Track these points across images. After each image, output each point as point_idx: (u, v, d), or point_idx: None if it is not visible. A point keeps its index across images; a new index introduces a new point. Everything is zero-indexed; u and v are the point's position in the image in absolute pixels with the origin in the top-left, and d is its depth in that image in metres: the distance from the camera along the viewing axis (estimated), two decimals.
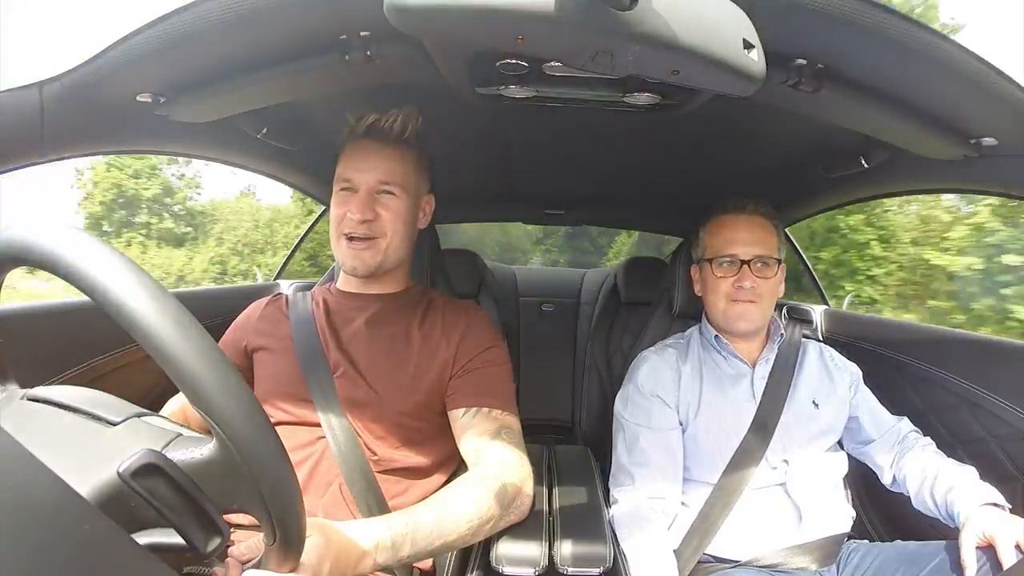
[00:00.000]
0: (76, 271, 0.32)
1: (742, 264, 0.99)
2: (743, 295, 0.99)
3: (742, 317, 1.00)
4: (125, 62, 0.67)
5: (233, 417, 0.34)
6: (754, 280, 0.98)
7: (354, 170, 0.87)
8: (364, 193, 0.86)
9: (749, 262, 0.99)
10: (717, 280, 1.02)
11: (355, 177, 0.87)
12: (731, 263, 1.00)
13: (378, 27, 0.61)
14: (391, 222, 0.87)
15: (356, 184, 0.87)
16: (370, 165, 0.87)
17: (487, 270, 1.94)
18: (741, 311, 1.00)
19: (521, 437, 0.84)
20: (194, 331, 0.33)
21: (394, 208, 0.87)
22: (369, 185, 0.86)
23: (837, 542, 0.95)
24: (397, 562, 0.61)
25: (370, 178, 0.86)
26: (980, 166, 0.81)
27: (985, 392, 1.01)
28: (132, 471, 0.36)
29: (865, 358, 1.17)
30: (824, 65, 0.63)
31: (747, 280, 0.98)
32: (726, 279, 1.01)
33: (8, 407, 0.43)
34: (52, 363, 0.93)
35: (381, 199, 0.87)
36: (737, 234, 1.01)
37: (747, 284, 0.98)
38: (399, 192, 0.88)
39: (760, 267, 0.99)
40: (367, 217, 0.85)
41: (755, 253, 0.99)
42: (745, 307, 0.99)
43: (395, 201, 0.87)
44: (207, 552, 0.39)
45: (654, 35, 0.45)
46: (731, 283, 1.00)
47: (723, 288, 1.01)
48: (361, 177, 0.86)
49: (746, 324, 1.00)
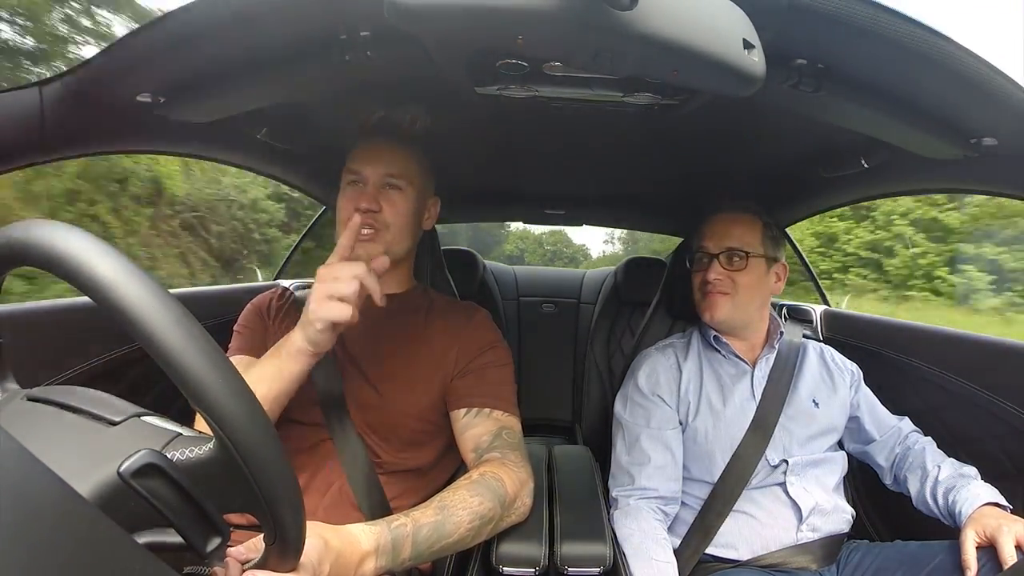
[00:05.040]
0: (76, 271, 0.32)
1: (712, 257, 1.02)
2: (710, 288, 1.01)
3: (709, 309, 1.02)
4: (125, 62, 0.67)
5: (233, 417, 0.34)
6: (720, 273, 1.00)
7: (362, 162, 0.88)
8: (371, 185, 0.87)
9: (718, 255, 1.01)
10: (693, 275, 1.06)
11: (363, 169, 0.87)
12: (703, 257, 1.04)
13: (378, 27, 0.61)
14: (395, 215, 0.87)
15: (364, 176, 0.87)
16: (378, 158, 0.88)
17: (487, 270, 1.94)
18: (709, 303, 1.02)
19: (522, 437, 0.84)
20: (194, 331, 0.33)
21: (399, 202, 0.88)
22: (376, 177, 0.87)
23: (837, 542, 0.95)
24: (399, 564, 0.61)
25: (377, 170, 0.87)
26: (980, 166, 0.81)
27: (985, 392, 1.01)
28: (132, 471, 0.36)
29: (865, 358, 1.17)
30: (824, 65, 0.63)
31: (712, 272, 1.01)
32: (699, 273, 1.04)
33: (8, 407, 0.43)
34: (52, 363, 0.93)
35: (387, 192, 0.87)
36: (710, 229, 1.04)
37: (711, 276, 1.01)
38: (405, 186, 0.88)
39: (729, 260, 1.00)
40: (372, 208, 0.85)
41: (725, 246, 1.01)
42: (713, 298, 1.01)
43: (400, 196, 0.88)
44: (207, 552, 0.39)
45: (654, 35, 0.45)
46: (701, 277, 1.03)
47: (696, 282, 1.05)
48: (369, 169, 0.87)
49: (713, 315, 1.01)
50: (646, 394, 1.03)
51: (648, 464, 0.95)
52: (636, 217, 1.91)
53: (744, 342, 1.06)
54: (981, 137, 0.72)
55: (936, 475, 0.91)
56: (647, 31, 0.44)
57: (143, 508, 0.36)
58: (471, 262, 1.80)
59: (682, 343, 1.10)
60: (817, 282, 1.75)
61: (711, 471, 0.96)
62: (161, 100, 0.75)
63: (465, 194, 1.62)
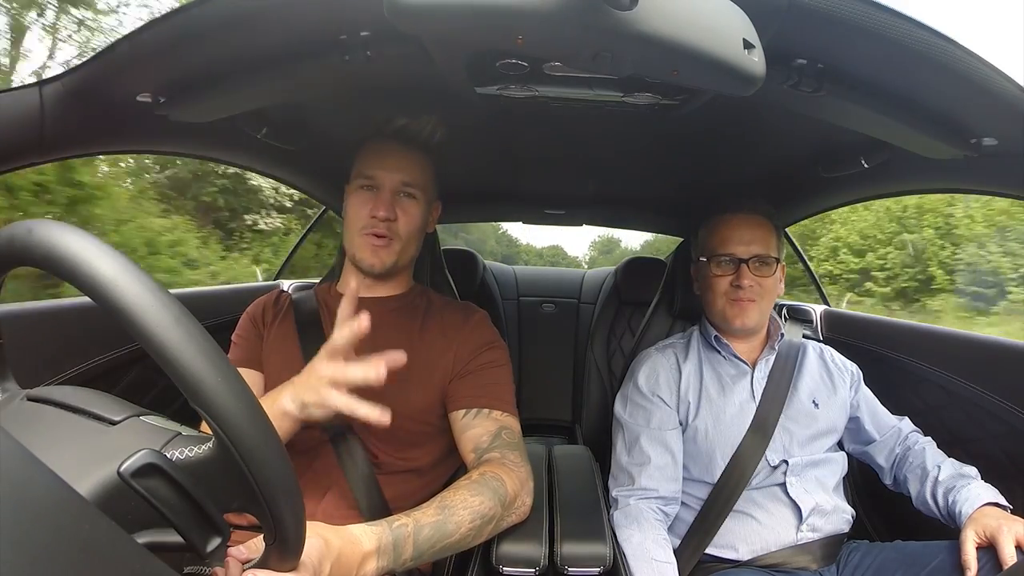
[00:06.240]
0: (76, 271, 0.32)
1: (740, 263, 0.99)
2: (741, 294, 0.99)
3: (740, 316, 1.00)
4: (125, 62, 0.67)
5: (232, 415, 0.34)
6: (752, 279, 0.98)
7: (379, 167, 0.88)
8: (387, 192, 0.87)
9: (747, 261, 0.99)
10: (716, 279, 1.02)
11: (379, 174, 0.87)
12: (729, 262, 1.00)
13: (378, 27, 0.61)
14: (407, 225, 0.88)
15: (379, 182, 0.87)
16: (395, 165, 0.88)
17: (487, 270, 1.94)
18: (740, 310, 1.00)
19: (521, 437, 0.84)
20: (194, 330, 0.33)
21: (412, 212, 0.88)
22: (392, 184, 0.87)
23: (837, 542, 0.95)
24: (400, 564, 0.61)
25: (394, 177, 0.87)
26: (980, 166, 0.81)
27: (985, 392, 1.01)
28: (132, 471, 0.36)
29: (865, 358, 1.17)
30: (824, 65, 0.63)
31: (745, 279, 0.98)
32: (724, 278, 1.01)
33: (8, 407, 0.43)
34: (52, 363, 0.93)
35: (401, 201, 0.88)
36: (735, 233, 1.01)
37: (745, 283, 0.98)
38: (419, 195, 0.89)
39: (758, 266, 0.99)
40: (390, 217, 0.85)
41: (753, 252, 0.99)
42: (744, 306, 0.99)
43: (414, 205, 0.88)
44: (207, 552, 0.39)
45: (654, 35, 0.45)
46: (729, 282, 1.00)
47: (721, 287, 1.01)
48: (385, 175, 0.87)
49: (744, 323, 1.00)
50: (646, 394, 1.03)
51: (648, 464, 0.95)
52: (636, 217, 1.91)
53: (745, 343, 1.05)
54: (981, 137, 0.72)
55: (936, 475, 0.91)
56: (647, 31, 0.44)
57: (143, 508, 0.36)
58: (471, 262, 1.80)
59: (682, 343, 1.10)
60: (817, 282, 1.75)
61: (711, 471, 0.96)
62: (161, 100, 0.75)
63: (465, 194, 1.61)
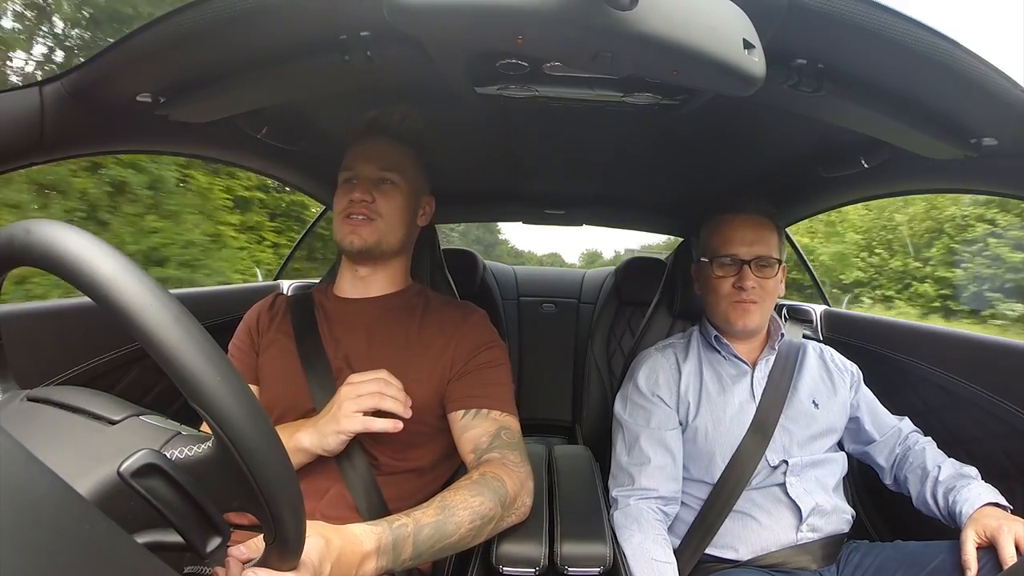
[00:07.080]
0: (76, 271, 0.32)
1: (743, 264, 0.99)
2: (744, 296, 0.98)
3: (743, 318, 0.99)
4: (125, 62, 0.67)
5: (232, 415, 0.34)
6: (755, 280, 0.98)
7: (356, 160, 0.92)
8: (365, 180, 0.90)
9: (750, 262, 0.98)
10: (718, 280, 1.02)
11: (356, 165, 0.91)
12: (731, 263, 1.00)
13: (378, 27, 0.61)
14: (388, 207, 0.90)
15: (357, 172, 0.91)
16: (370, 156, 0.91)
17: (487, 270, 1.94)
18: (742, 312, 0.99)
19: (521, 437, 0.84)
20: (194, 330, 0.33)
21: (392, 195, 0.91)
22: (369, 172, 0.90)
23: (837, 542, 0.95)
24: (400, 564, 0.61)
25: (370, 167, 0.91)
26: (980, 166, 0.81)
27: (985, 392, 1.01)
28: (132, 471, 0.36)
29: (865, 358, 1.17)
30: (824, 65, 0.63)
31: (748, 280, 0.98)
32: (726, 279, 1.01)
33: (8, 407, 0.43)
34: (52, 363, 0.93)
35: (381, 188, 0.90)
36: (737, 233, 1.00)
37: (748, 285, 0.98)
38: (398, 180, 0.91)
39: (760, 267, 0.99)
40: (366, 198, 0.88)
41: (756, 253, 0.99)
42: (747, 308, 0.99)
43: (394, 190, 0.91)
44: (207, 552, 0.39)
45: (654, 35, 0.45)
46: (731, 283, 1.00)
47: (724, 288, 1.01)
48: (362, 165, 0.91)
49: (747, 325, 1.00)
50: (646, 394, 1.03)
51: (648, 464, 0.95)
52: (636, 217, 1.91)
53: (745, 343, 1.05)
54: (981, 137, 0.72)
55: (936, 475, 0.91)
56: (647, 31, 0.44)
57: (143, 508, 0.36)
58: (471, 262, 1.80)
59: (682, 343, 1.10)
60: (817, 282, 1.75)
61: (711, 471, 0.96)
62: (161, 100, 0.75)
63: (465, 194, 1.62)
